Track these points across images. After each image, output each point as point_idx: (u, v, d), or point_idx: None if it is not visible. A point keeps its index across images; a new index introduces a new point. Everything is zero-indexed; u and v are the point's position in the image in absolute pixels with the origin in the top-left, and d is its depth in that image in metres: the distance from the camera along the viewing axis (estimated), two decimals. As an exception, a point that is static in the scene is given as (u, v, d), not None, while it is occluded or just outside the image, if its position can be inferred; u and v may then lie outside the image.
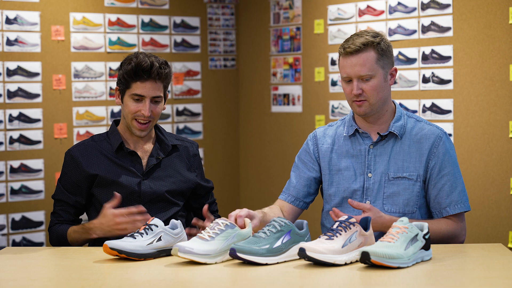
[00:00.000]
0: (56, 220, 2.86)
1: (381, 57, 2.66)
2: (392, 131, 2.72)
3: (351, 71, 2.66)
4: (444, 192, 2.68)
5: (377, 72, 2.66)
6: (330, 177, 2.79)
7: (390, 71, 2.71)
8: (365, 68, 2.64)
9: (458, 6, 4.39)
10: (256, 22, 5.70)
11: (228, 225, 2.40)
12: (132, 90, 2.79)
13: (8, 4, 4.85)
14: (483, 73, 4.30)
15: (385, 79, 2.68)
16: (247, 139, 5.85)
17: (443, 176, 2.69)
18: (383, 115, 2.73)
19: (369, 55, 2.65)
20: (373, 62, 2.65)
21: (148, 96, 2.78)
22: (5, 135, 4.85)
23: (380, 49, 2.66)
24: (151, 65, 2.75)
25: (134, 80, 2.77)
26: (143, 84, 2.77)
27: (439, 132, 2.72)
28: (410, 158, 2.70)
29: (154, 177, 2.88)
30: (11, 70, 4.86)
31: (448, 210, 2.68)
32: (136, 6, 5.35)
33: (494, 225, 4.28)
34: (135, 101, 2.79)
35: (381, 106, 2.70)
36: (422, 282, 2.11)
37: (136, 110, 2.79)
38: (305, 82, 5.36)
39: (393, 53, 2.76)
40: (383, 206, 2.70)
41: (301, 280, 2.13)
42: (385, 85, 2.69)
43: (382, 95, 2.68)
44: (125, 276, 2.22)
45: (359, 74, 2.65)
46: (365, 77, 2.65)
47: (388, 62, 2.70)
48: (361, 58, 2.64)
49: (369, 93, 2.66)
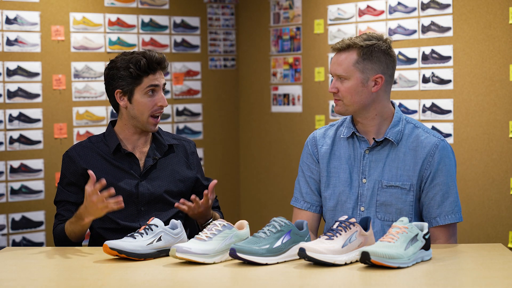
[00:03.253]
0: (59, 221, 2.84)
1: (363, 60, 2.62)
2: (388, 137, 2.67)
3: (331, 68, 2.69)
4: (435, 202, 2.63)
5: (352, 75, 2.63)
6: (327, 179, 2.76)
7: (374, 77, 2.63)
8: (340, 68, 2.64)
9: (458, 6, 4.40)
10: (256, 22, 5.70)
11: (225, 226, 2.40)
12: (145, 84, 2.83)
13: (8, 4, 4.85)
14: (483, 73, 4.30)
15: (363, 83, 2.62)
16: (247, 139, 5.85)
17: (435, 186, 2.63)
18: (372, 120, 2.68)
19: (349, 56, 2.63)
20: (350, 64, 2.62)
21: (161, 85, 2.86)
22: (5, 135, 4.85)
23: (363, 52, 2.62)
24: (162, 57, 2.86)
25: (146, 74, 2.83)
26: (154, 76, 2.84)
27: (436, 141, 2.65)
28: (404, 166, 2.66)
29: (151, 178, 2.87)
30: (11, 70, 4.86)
31: (438, 220, 2.63)
32: (136, 6, 5.35)
33: (494, 225, 4.28)
34: (149, 96, 2.83)
35: (360, 110, 2.66)
36: (422, 282, 2.11)
37: (153, 105, 2.84)
38: (305, 82, 5.36)
39: (389, 62, 2.66)
40: (376, 214, 2.66)
41: (301, 280, 2.13)
42: (363, 90, 2.63)
43: (359, 99, 2.63)
44: (125, 276, 2.22)
45: (336, 73, 2.66)
46: (341, 77, 2.65)
47: (372, 68, 2.62)
48: (340, 58, 2.65)
49: (343, 94, 2.64)
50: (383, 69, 2.65)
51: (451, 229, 2.66)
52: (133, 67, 2.81)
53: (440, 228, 2.64)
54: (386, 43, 2.66)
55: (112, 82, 2.85)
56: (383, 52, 2.65)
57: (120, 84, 2.84)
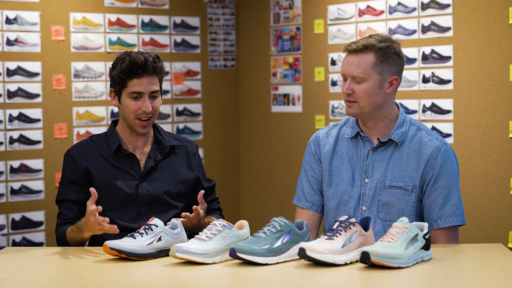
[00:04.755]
0: (61, 220, 2.84)
1: (380, 62, 2.62)
2: (392, 138, 2.67)
3: (347, 69, 2.65)
4: (437, 205, 2.64)
5: (371, 77, 2.62)
6: (329, 178, 2.76)
7: (390, 79, 2.64)
8: (359, 69, 2.62)
9: (458, 6, 4.40)
10: (256, 22, 5.70)
11: (225, 226, 2.40)
12: (129, 88, 2.78)
13: (8, 4, 4.85)
14: (483, 73, 4.30)
15: (380, 85, 2.63)
16: (247, 139, 5.85)
17: (437, 188, 2.64)
18: (381, 121, 2.69)
19: (367, 58, 2.61)
20: (368, 66, 2.61)
21: (146, 92, 2.78)
22: (5, 135, 4.85)
23: (381, 54, 2.61)
24: (146, 60, 2.76)
25: (130, 77, 2.77)
26: (139, 80, 2.77)
27: (439, 144, 2.66)
28: (407, 167, 2.66)
29: (152, 179, 2.87)
30: (11, 70, 4.86)
31: (439, 223, 2.63)
32: (136, 6, 5.35)
33: (494, 225, 4.28)
34: (134, 99, 2.79)
35: (373, 111, 2.66)
36: (422, 282, 2.11)
37: (136, 109, 2.79)
38: (305, 82, 5.36)
39: (401, 63, 2.68)
40: (377, 214, 2.67)
41: (301, 280, 2.13)
42: (379, 92, 2.63)
43: (374, 101, 2.63)
44: (125, 276, 2.22)
45: (352, 74, 2.63)
46: (357, 79, 2.62)
47: (388, 70, 2.63)
48: (358, 59, 2.62)
49: (359, 96, 2.63)
50: (397, 71, 2.66)
51: (452, 232, 2.66)
52: (117, 68, 2.79)
53: (442, 230, 2.64)
54: (398, 44, 2.67)
55: (110, 80, 2.86)
56: (397, 54, 2.66)
57: (112, 83, 2.85)
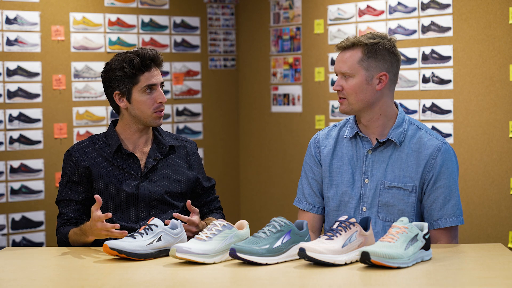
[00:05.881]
0: (62, 221, 2.83)
1: (367, 58, 2.63)
2: (391, 138, 2.67)
3: (336, 66, 2.70)
4: (437, 205, 2.64)
5: (357, 72, 2.64)
6: (330, 179, 2.76)
7: (378, 75, 2.65)
8: (346, 65, 2.65)
9: (458, 6, 4.39)
10: (256, 22, 5.70)
11: (225, 226, 2.40)
12: (142, 83, 2.83)
13: (8, 4, 4.85)
14: (483, 73, 4.30)
15: (367, 81, 2.64)
16: (247, 139, 5.85)
17: (437, 188, 2.64)
18: (376, 119, 2.69)
19: (354, 54, 2.65)
20: (355, 61, 2.64)
21: (158, 83, 2.86)
22: (5, 135, 4.85)
23: (368, 50, 2.63)
24: (154, 53, 2.86)
25: (142, 72, 2.82)
26: (150, 73, 2.84)
27: (439, 143, 2.66)
28: (407, 167, 2.66)
29: (152, 179, 2.87)
30: (11, 70, 4.86)
31: (440, 223, 2.64)
32: (136, 6, 5.35)
33: (494, 225, 4.28)
34: (147, 94, 2.83)
35: (365, 108, 2.67)
36: (422, 282, 2.11)
37: (153, 102, 2.84)
38: (305, 82, 5.36)
39: (393, 60, 2.69)
40: (378, 214, 2.67)
41: (301, 280, 2.13)
42: (368, 88, 2.64)
43: (363, 97, 2.64)
44: (125, 276, 2.22)
45: (340, 71, 2.67)
46: (345, 75, 2.66)
47: (376, 66, 2.64)
48: (345, 56, 2.66)
49: (348, 92, 2.66)
50: (387, 67, 2.67)
51: (452, 232, 2.66)
52: (127, 67, 2.81)
53: (442, 230, 2.65)
54: (391, 42, 2.69)
55: (109, 84, 2.85)
56: (388, 50, 2.67)
57: (117, 86, 2.84)
